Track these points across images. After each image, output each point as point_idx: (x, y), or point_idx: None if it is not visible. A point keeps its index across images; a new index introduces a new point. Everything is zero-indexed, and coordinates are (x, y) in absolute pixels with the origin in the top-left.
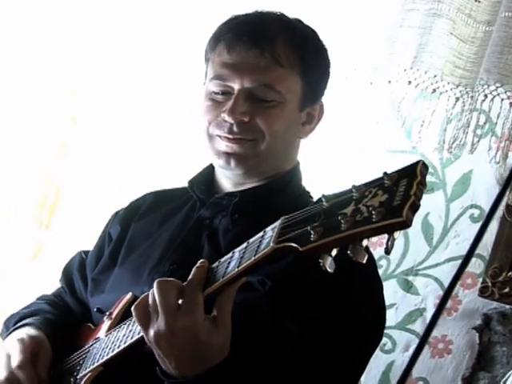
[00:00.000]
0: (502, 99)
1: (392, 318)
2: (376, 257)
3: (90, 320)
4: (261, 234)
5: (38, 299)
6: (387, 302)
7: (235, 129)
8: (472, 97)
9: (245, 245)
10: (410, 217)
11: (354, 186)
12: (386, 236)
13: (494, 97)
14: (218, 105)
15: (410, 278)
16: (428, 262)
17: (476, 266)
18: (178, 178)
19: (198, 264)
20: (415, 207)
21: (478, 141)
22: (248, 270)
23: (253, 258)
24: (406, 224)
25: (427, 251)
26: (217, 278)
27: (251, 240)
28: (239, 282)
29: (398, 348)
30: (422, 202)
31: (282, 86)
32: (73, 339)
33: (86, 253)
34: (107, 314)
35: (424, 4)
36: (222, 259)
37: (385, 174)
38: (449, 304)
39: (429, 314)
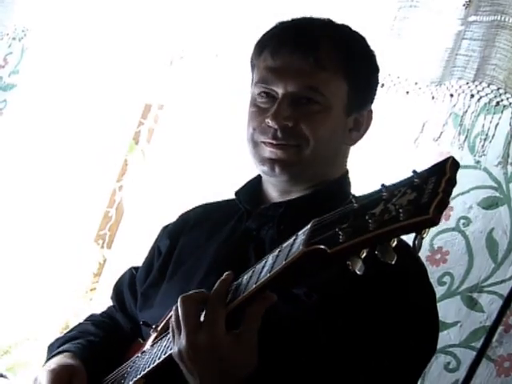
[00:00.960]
0: None
1: (456, 336)
2: (439, 273)
3: (141, 335)
4: (293, 237)
5: (85, 320)
6: (451, 320)
7: (279, 134)
8: None
9: (278, 249)
10: (438, 214)
11: (383, 186)
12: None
13: None
14: (262, 111)
15: (475, 295)
16: (493, 278)
17: None
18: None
19: (223, 276)
20: (443, 204)
21: None
22: (281, 277)
23: (283, 263)
24: (433, 222)
25: (492, 267)
26: (248, 287)
27: (284, 244)
28: (270, 297)
29: (463, 367)
30: (488, 218)
31: (326, 90)
32: (121, 356)
33: (137, 268)
34: (153, 327)
35: (487, 16)
36: (257, 266)
37: (414, 172)
38: None
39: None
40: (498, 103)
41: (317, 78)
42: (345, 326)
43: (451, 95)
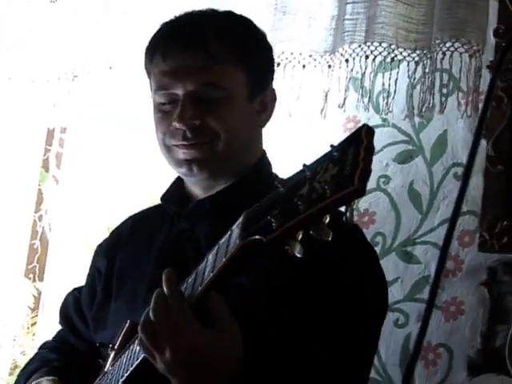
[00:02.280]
0: (461, 53)
1: (399, 291)
2: (370, 235)
3: (100, 356)
4: (228, 232)
5: (40, 348)
6: (391, 277)
7: (188, 134)
8: (431, 58)
9: (216, 247)
10: (362, 184)
11: (305, 166)
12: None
13: (452, 52)
14: (167, 115)
15: (409, 248)
16: (422, 229)
17: (470, 223)
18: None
19: (164, 277)
20: (366, 173)
21: (446, 99)
22: (225, 272)
23: (223, 260)
24: (359, 192)
25: (419, 218)
26: (195, 290)
27: (221, 241)
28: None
29: (412, 320)
30: (405, 172)
31: (224, 82)
32: (85, 378)
33: (79, 289)
34: (110, 346)
35: None
36: (199, 267)
37: (332, 146)
38: (452, 265)
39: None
40: (392, 59)
41: (212, 73)
42: (298, 302)
43: (346, 60)
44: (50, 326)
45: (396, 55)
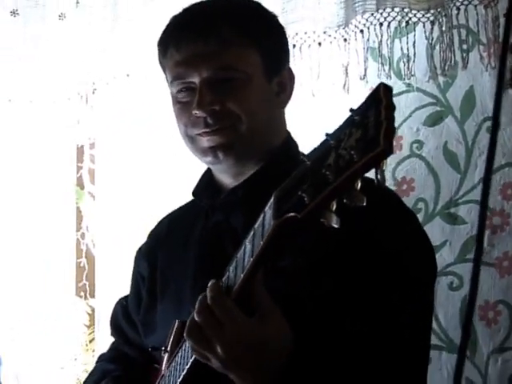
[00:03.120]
0: (475, 5)
1: (449, 254)
2: (412, 202)
3: (154, 361)
4: (261, 215)
5: (97, 362)
6: (438, 241)
7: (210, 120)
8: (446, 15)
9: (252, 232)
10: (388, 143)
11: (328, 135)
12: None
13: (467, 6)
14: (186, 105)
15: (452, 210)
16: (463, 188)
17: (511, 175)
18: None
19: (209, 285)
20: (390, 131)
21: (468, 55)
22: (264, 256)
23: (261, 243)
24: (387, 151)
25: (459, 178)
26: (237, 279)
27: (256, 225)
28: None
29: (466, 281)
30: (437, 134)
31: (240, 64)
32: None
33: (125, 298)
34: (163, 349)
35: None
36: (238, 254)
37: (351, 110)
38: (498, 221)
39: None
40: (407, 23)
41: (226, 56)
42: (341, 276)
43: (361, 31)
44: (107, 340)
45: (410, 18)
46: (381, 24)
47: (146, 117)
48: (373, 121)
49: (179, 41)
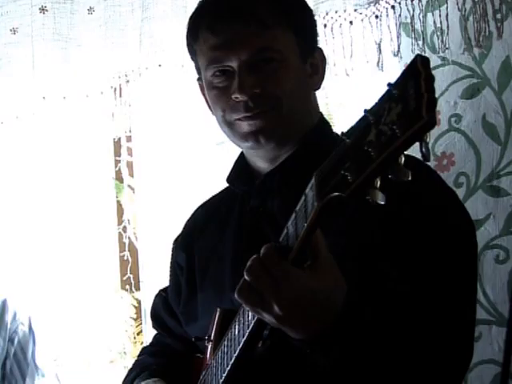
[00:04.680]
0: None
1: (494, 227)
2: (453, 177)
3: (198, 351)
4: (303, 198)
5: (139, 355)
6: (482, 215)
7: (251, 104)
8: None
9: (294, 215)
10: (431, 114)
11: (366, 110)
12: None
13: None
14: (223, 90)
15: (494, 182)
16: (504, 160)
17: None
18: None
19: (262, 250)
20: (432, 103)
21: (502, 24)
22: (309, 239)
23: (305, 225)
24: (431, 123)
25: (499, 150)
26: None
27: (297, 208)
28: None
29: None
30: (475, 106)
31: (276, 45)
32: (188, 375)
33: (165, 289)
34: (206, 338)
35: None
36: (280, 239)
37: (389, 84)
38: None
39: None
40: None
41: (264, 38)
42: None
43: (393, 7)
44: (154, 332)
45: None
46: None
47: (181, 106)
48: (413, 94)
49: (214, 23)
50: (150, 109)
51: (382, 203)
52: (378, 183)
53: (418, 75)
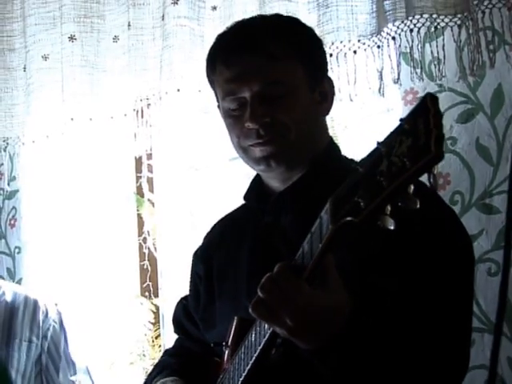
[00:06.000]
0: (499, 8)
1: (486, 242)
2: (449, 195)
3: (216, 355)
4: (318, 220)
5: (162, 356)
6: (475, 230)
7: (262, 132)
8: (472, 19)
9: (309, 236)
10: (439, 149)
11: (378, 143)
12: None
13: (491, 9)
14: (238, 118)
15: (487, 200)
16: (496, 179)
17: None
18: None
19: (276, 268)
20: (440, 138)
21: (494, 55)
22: (324, 259)
23: (320, 246)
24: (438, 157)
25: (492, 170)
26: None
27: (312, 229)
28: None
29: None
30: (470, 130)
31: (286, 78)
32: (206, 377)
33: (186, 298)
34: (224, 344)
35: None
36: (296, 258)
37: (401, 120)
38: None
39: None
40: (436, 28)
41: (274, 71)
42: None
43: (393, 38)
44: (172, 336)
45: (438, 23)
46: (411, 30)
47: (197, 127)
48: (423, 128)
49: (228, 57)
50: (169, 129)
51: (392, 228)
52: (389, 210)
53: (427, 111)
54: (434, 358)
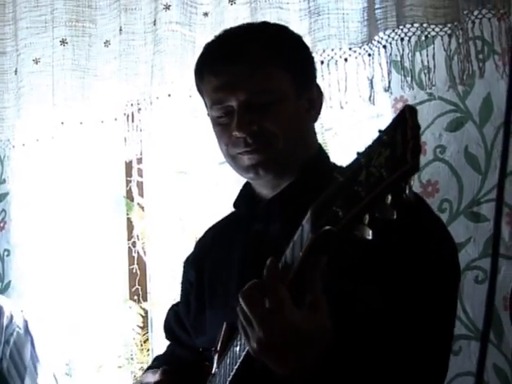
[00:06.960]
0: (489, 19)
1: (473, 250)
2: (437, 203)
3: (206, 360)
4: (300, 228)
5: (153, 361)
6: (463, 238)
7: (249, 140)
8: (462, 28)
9: (291, 244)
10: (415, 160)
11: (358, 153)
12: None
13: (481, 20)
14: (226, 126)
15: (475, 208)
16: (484, 188)
17: None
18: None
19: (267, 263)
20: (417, 149)
21: (484, 64)
22: (304, 267)
23: (300, 254)
24: (414, 167)
25: (480, 179)
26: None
27: (295, 238)
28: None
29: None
30: (458, 139)
31: (272, 85)
32: (194, 381)
33: (177, 304)
34: (213, 349)
35: None
36: (280, 265)
37: (379, 131)
38: None
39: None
40: (426, 37)
41: (259, 79)
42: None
43: (384, 47)
44: (160, 341)
45: (429, 32)
46: (402, 39)
47: (187, 131)
48: (400, 140)
49: (214, 66)
50: (158, 134)
51: (369, 238)
52: (367, 220)
53: (405, 123)
54: (414, 369)
